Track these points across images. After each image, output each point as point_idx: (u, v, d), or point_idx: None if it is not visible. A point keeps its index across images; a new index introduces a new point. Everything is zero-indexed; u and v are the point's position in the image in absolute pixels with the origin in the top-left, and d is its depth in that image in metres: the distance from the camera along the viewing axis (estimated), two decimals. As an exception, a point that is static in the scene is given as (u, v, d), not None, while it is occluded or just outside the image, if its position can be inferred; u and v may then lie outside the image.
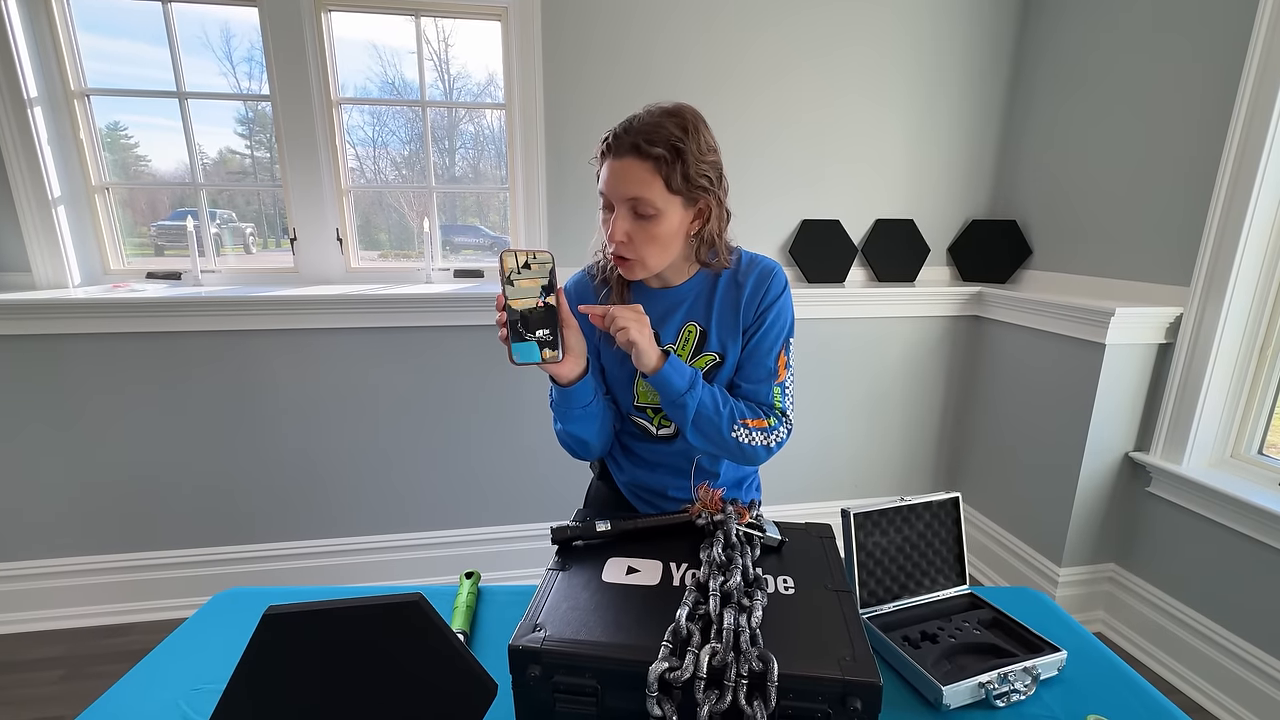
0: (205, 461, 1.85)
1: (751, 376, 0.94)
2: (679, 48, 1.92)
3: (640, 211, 0.82)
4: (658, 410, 0.98)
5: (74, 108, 1.75)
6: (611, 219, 0.84)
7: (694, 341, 0.95)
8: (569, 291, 0.99)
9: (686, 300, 0.95)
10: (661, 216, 0.83)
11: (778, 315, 0.93)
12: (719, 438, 0.89)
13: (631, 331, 0.82)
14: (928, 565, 0.87)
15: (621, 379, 0.98)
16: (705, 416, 0.88)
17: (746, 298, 0.92)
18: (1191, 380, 1.63)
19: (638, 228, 0.83)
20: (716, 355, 0.95)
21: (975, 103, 2.15)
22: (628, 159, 0.81)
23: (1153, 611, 1.75)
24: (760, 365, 0.93)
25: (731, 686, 0.52)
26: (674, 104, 0.84)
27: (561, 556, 0.73)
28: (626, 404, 0.99)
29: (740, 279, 0.93)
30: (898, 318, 2.17)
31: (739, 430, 0.89)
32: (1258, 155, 1.46)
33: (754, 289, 0.92)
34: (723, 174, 0.88)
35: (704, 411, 0.88)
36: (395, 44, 1.93)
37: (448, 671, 0.54)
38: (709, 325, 0.94)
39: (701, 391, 0.88)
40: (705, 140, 0.84)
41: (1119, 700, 0.72)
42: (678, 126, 0.81)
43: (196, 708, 0.69)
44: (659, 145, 0.79)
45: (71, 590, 1.84)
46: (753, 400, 0.94)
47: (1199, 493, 1.61)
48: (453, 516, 2.04)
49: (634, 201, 0.82)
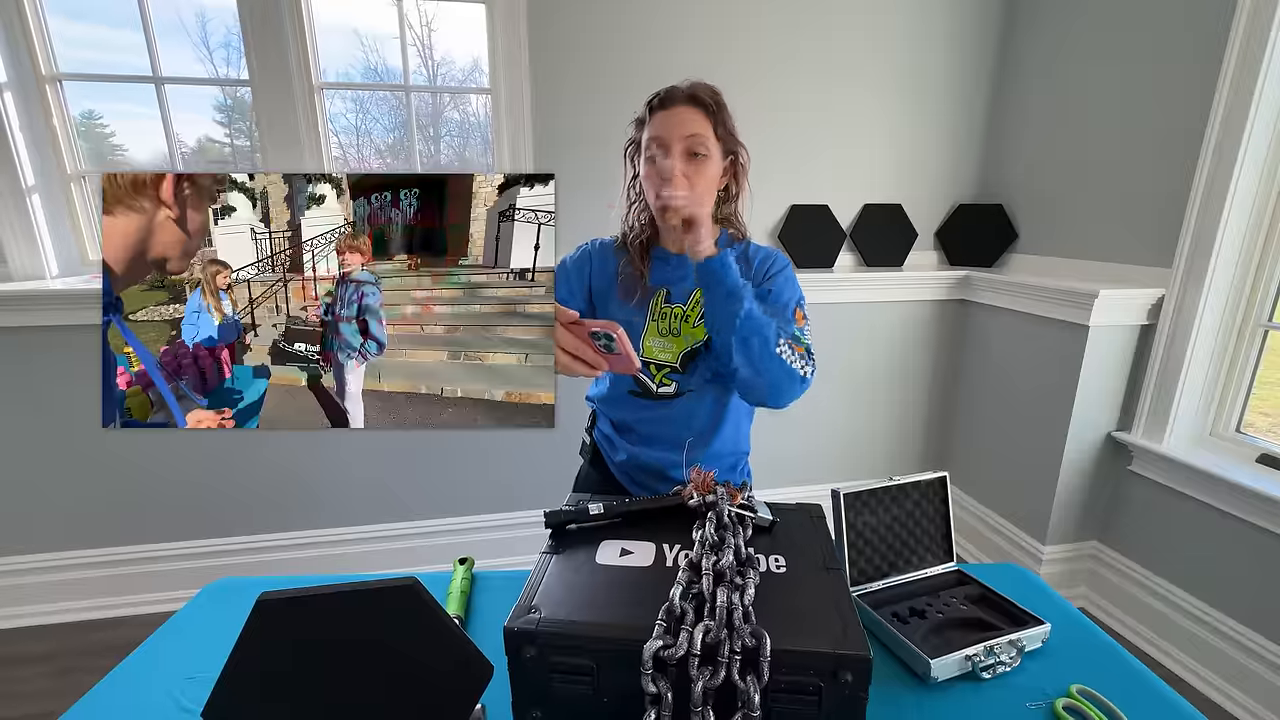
0: (192, 452, 1.83)
1: (776, 315, 0.94)
2: (669, 31, 1.90)
3: (694, 149, 0.92)
4: (660, 367, 1.01)
5: (46, 93, 1.70)
6: (665, 163, 0.91)
7: (704, 304, 0.96)
8: (593, 253, 1.06)
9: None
10: (710, 158, 0.94)
11: (787, 281, 1.00)
12: (765, 349, 0.85)
13: (693, 207, 0.88)
14: (916, 543, 0.88)
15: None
16: (756, 318, 0.85)
17: (754, 270, 1.01)
18: (1172, 360, 1.66)
19: (692, 167, 0.93)
20: None
21: (962, 87, 2.15)
22: (681, 107, 0.93)
23: (1134, 587, 1.79)
24: (781, 314, 0.95)
25: (725, 663, 0.53)
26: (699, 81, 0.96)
27: (555, 540, 0.73)
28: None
29: (750, 256, 1.02)
30: (886, 302, 2.18)
31: (783, 347, 0.87)
32: (1238, 139, 1.48)
33: (761, 263, 1.02)
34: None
35: (755, 314, 0.86)
36: (377, 29, 1.89)
37: (444, 655, 0.54)
38: None
39: (749, 298, 0.87)
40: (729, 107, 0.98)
41: (1101, 670, 0.74)
42: (714, 89, 0.96)
43: (191, 697, 0.69)
44: (707, 96, 0.94)
45: (59, 585, 1.82)
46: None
47: (1179, 470, 1.64)
48: (445, 505, 2.03)
49: (690, 140, 0.92)
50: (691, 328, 1.00)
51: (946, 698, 0.69)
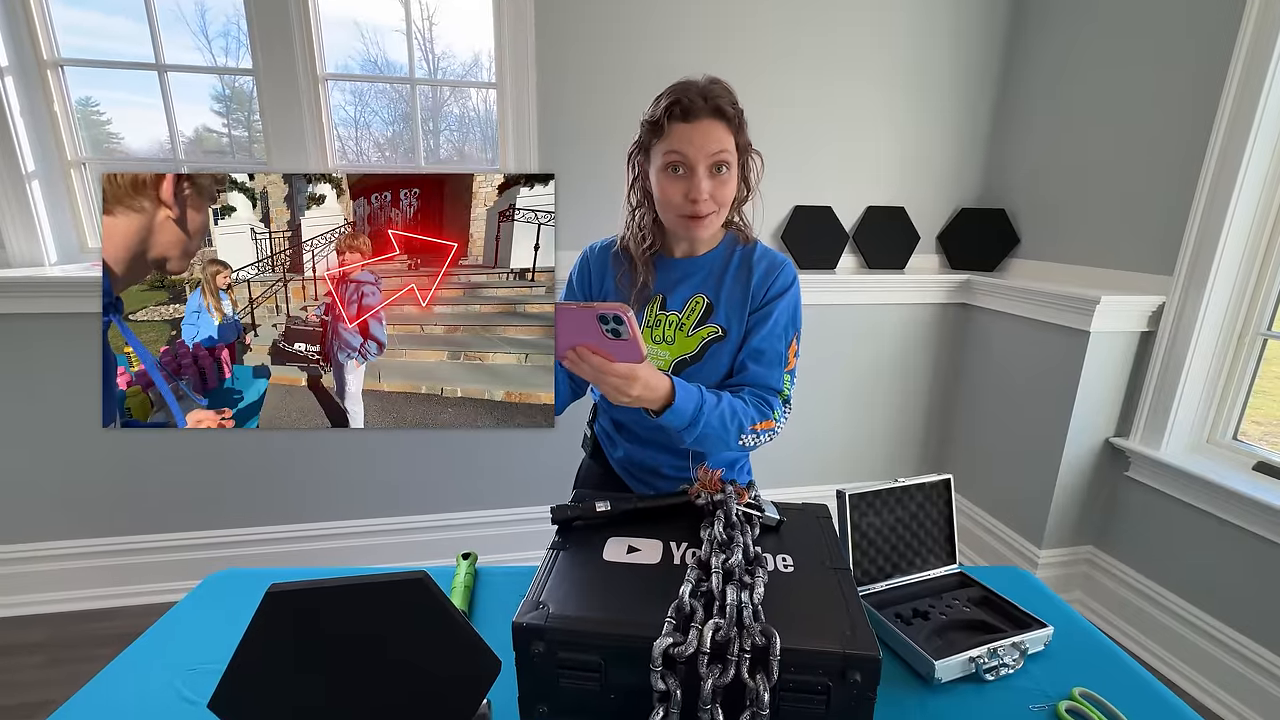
0: (192, 442, 1.82)
1: (762, 359, 0.95)
2: (675, 29, 1.90)
3: (718, 164, 0.88)
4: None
5: (47, 78, 1.69)
6: (694, 180, 0.87)
7: (700, 312, 0.96)
8: (591, 260, 1.04)
9: (700, 273, 0.98)
10: (732, 174, 0.90)
11: (788, 304, 0.96)
12: (724, 447, 0.91)
13: (627, 394, 0.79)
14: (919, 545, 0.89)
15: None
16: (711, 437, 0.88)
17: (756, 281, 0.96)
18: (1172, 367, 1.67)
19: (716, 183, 0.88)
20: (720, 329, 0.96)
21: (966, 91, 2.15)
22: (708, 120, 0.86)
23: (1128, 592, 1.80)
24: (772, 349, 0.95)
25: (735, 661, 0.53)
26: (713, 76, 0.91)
27: (561, 536, 0.73)
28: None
29: (754, 264, 0.97)
30: (887, 304, 2.19)
31: (746, 437, 0.91)
32: (1241, 148, 1.48)
33: (763, 275, 0.96)
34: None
35: (710, 433, 0.87)
36: (378, 21, 1.88)
37: (452, 649, 0.54)
38: (717, 300, 0.96)
39: (709, 415, 0.86)
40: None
41: (1103, 673, 0.74)
42: (732, 92, 0.89)
43: (194, 688, 0.68)
44: (729, 106, 0.88)
45: (55, 574, 1.81)
46: (760, 384, 0.94)
47: (1176, 477, 1.65)
48: (448, 500, 2.03)
49: (716, 156, 0.87)
50: (686, 336, 0.97)
51: (950, 699, 0.70)
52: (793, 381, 0.97)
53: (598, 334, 0.72)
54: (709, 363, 0.96)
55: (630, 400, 0.79)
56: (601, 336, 0.72)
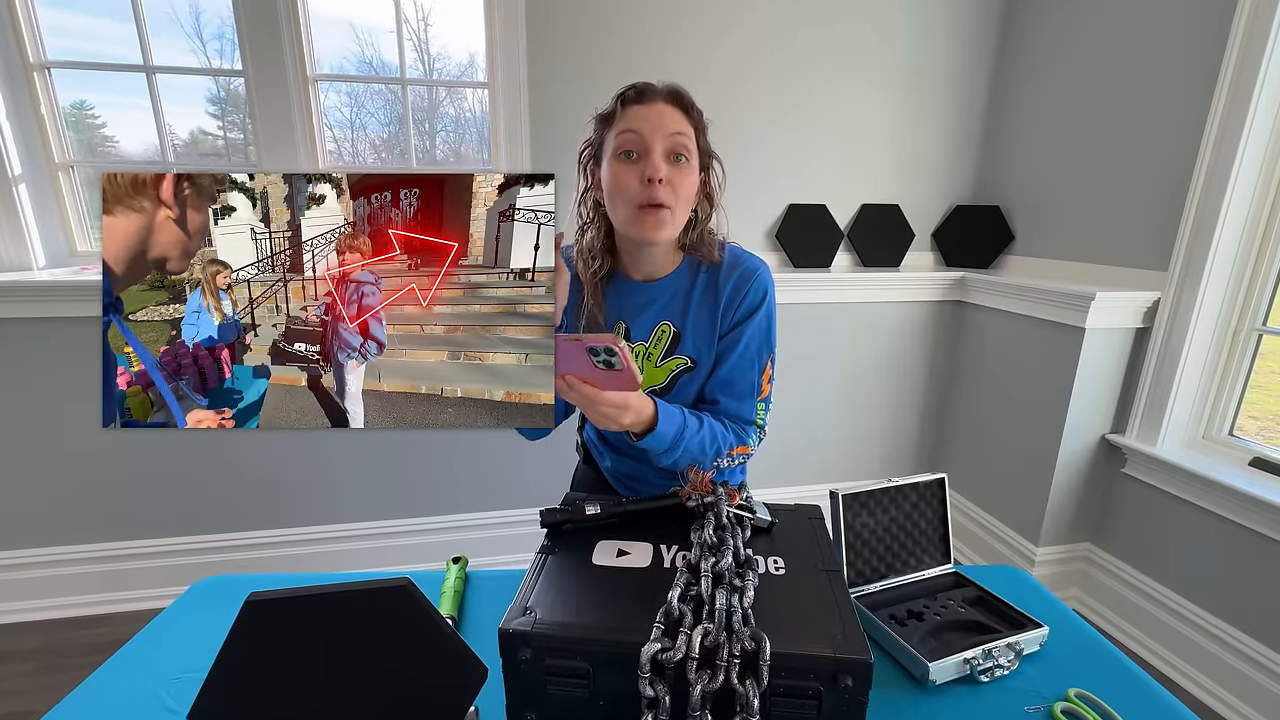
0: (181, 448, 1.81)
1: (733, 392, 0.90)
2: (669, 28, 1.89)
3: (677, 150, 0.80)
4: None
5: (34, 81, 1.67)
6: (650, 159, 0.79)
7: (666, 343, 0.91)
8: (571, 260, 0.97)
9: (663, 298, 0.91)
10: (691, 167, 0.82)
11: (759, 325, 0.89)
12: (701, 468, 0.89)
13: (618, 422, 0.77)
14: (914, 545, 0.88)
15: None
16: (689, 460, 0.86)
17: (724, 303, 0.88)
18: (1167, 363, 1.67)
19: (674, 171, 0.80)
20: (689, 360, 0.91)
21: (961, 88, 2.15)
22: (662, 104, 0.81)
23: (1125, 589, 1.80)
24: (743, 378, 0.90)
25: (724, 666, 0.52)
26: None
27: (550, 540, 0.72)
28: None
29: (721, 282, 0.88)
30: (882, 302, 2.18)
31: (722, 460, 0.90)
32: (1235, 143, 1.48)
33: (731, 295, 0.88)
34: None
35: (688, 457, 0.85)
36: (372, 22, 1.87)
37: (437, 657, 0.53)
38: (683, 328, 0.90)
39: (688, 441, 0.84)
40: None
41: (1099, 673, 0.73)
42: (693, 97, 0.84)
43: (177, 697, 0.67)
44: (689, 99, 0.83)
45: (44, 581, 1.80)
46: (734, 417, 0.91)
47: (1172, 473, 1.65)
48: (438, 502, 2.02)
49: (675, 139, 0.80)
50: (655, 367, 0.90)
51: (944, 701, 0.69)
52: (768, 408, 0.93)
53: (588, 364, 0.70)
54: (679, 394, 0.92)
55: (620, 428, 0.77)
56: (592, 367, 0.70)
